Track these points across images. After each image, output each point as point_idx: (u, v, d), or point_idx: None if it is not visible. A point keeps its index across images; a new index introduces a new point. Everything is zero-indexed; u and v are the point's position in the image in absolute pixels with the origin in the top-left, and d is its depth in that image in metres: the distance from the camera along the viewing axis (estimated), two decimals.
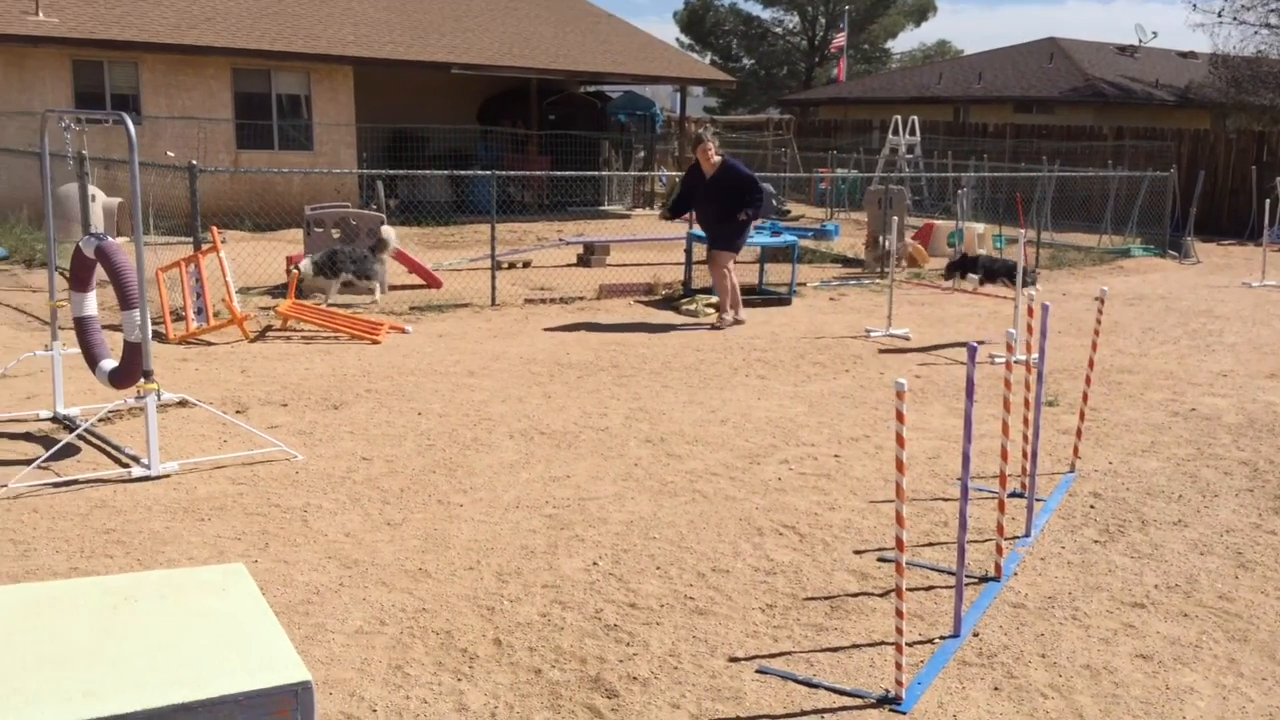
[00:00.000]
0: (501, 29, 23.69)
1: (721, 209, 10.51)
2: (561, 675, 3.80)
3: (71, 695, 2.74)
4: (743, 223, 10.57)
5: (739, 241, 10.77)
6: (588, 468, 6.10)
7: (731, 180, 10.48)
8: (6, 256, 13.54)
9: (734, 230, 10.59)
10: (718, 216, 10.60)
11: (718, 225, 10.64)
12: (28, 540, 4.85)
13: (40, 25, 17.26)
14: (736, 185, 10.45)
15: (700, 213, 10.97)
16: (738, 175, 10.55)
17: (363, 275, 11.25)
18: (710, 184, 10.55)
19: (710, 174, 10.55)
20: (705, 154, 10.56)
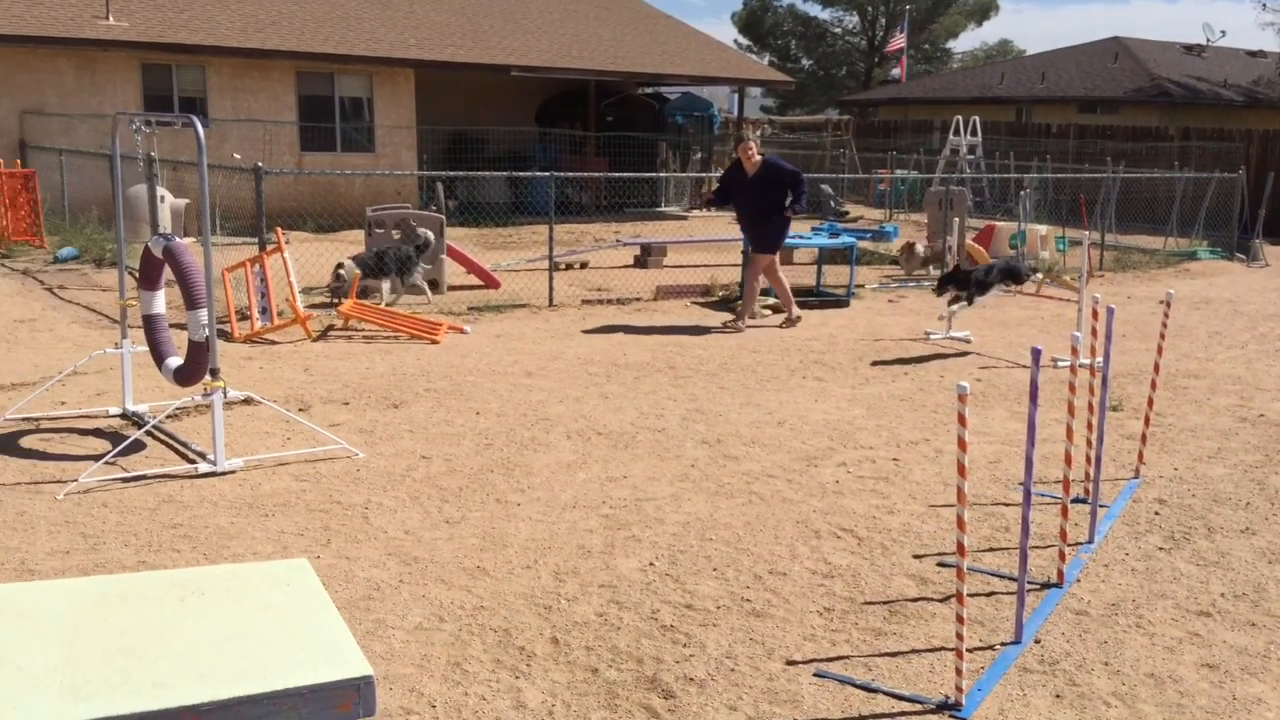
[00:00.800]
0: (560, 31, 23.80)
1: (762, 208, 10.44)
2: (618, 675, 3.81)
3: (141, 686, 2.80)
4: (782, 222, 10.47)
5: (777, 243, 10.66)
6: (644, 468, 6.11)
7: (773, 177, 10.41)
8: (77, 256, 13.86)
9: (773, 230, 10.51)
10: (758, 215, 10.52)
11: (757, 225, 10.57)
12: (97, 534, 4.97)
13: (110, 29, 17.64)
14: (779, 181, 10.38)
15: (740, 212, 10.89)
16: (780, 171, 10.48)
17: (405, 275, 11.32)
18: (751, 183, 10.49)
19: (751, 173, 10.49)
20: (747, 153, 10.51)
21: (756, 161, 10.48)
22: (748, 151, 10.53)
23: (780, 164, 10.60)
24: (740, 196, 10.69)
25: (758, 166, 10.48)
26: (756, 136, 10.95)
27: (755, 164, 10.48)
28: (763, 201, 10.42)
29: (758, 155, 10.52)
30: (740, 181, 10.62)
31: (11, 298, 11.16)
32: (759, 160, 10.49)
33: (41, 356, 8.54)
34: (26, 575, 4.51)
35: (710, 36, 26.79)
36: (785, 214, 10.40)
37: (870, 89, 44.32)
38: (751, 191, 10.50)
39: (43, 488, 5.53)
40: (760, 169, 10.47)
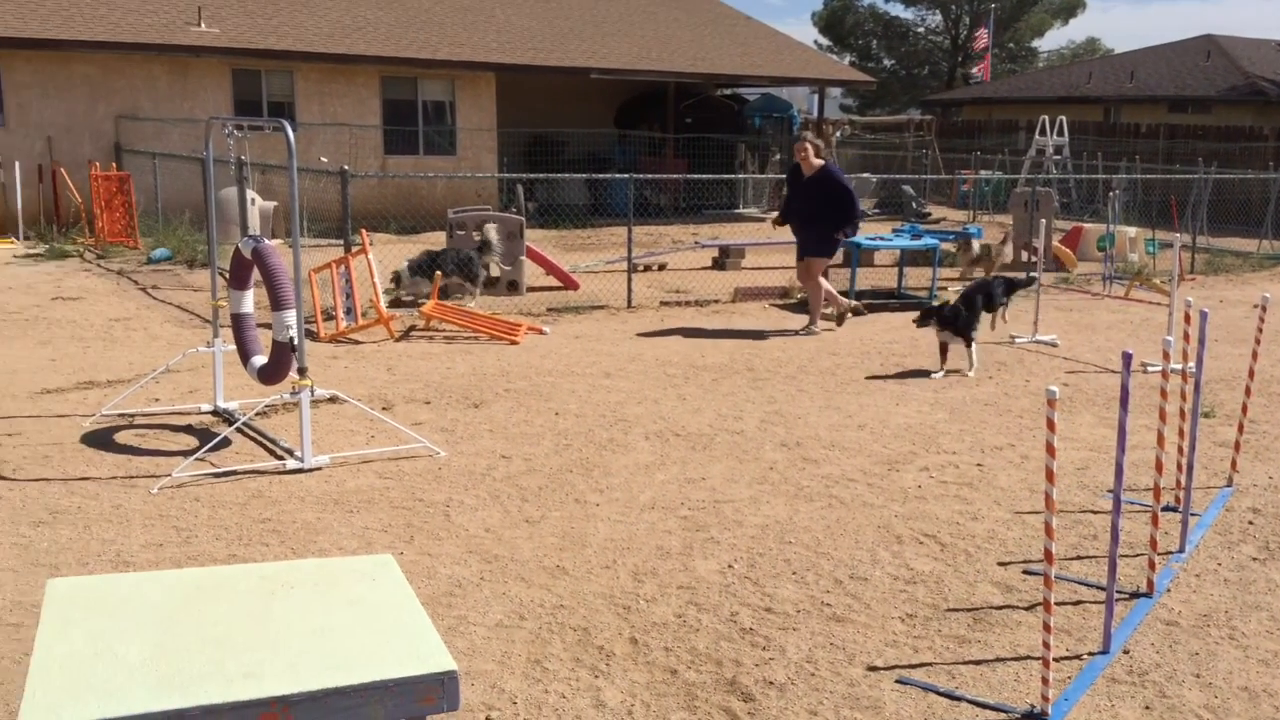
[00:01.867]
0: (640, 33, 23.87)
1: (812, 212, 10.19)
2: (697, 676, 3.81)
3: (233, 676, 2.86)
4: (834, 228, 10.24)
5: (832, 246, 10.45)
6: (723, 470, 6.09)
7: (828, 188, 10.15)
8: (170, 257, 14.25)
9: (825, 234, 10.26)
10: (807, 219, 10.29)
11: (806, 229, 10.34)
12: (190, 527, 5.10)
13: (202, 36, 18.11)
14: (832, 194, 10.13)
15: (792, 212, 10.62)
16: (834, 184, 10.20)
17: (466, 277, 11.39)
18: (806, 185, 10.28)
19: (808, 174, 10.29)
20: (804, 155, 10.26)
21: (816, 165, 10.23)
22: (803, 152, 10.27)
23: (837, 177, 10.31)
24: (794, 198, 10.46)
25: (815, 170, 10.24)
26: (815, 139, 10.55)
27: (814, 167, 10.24)
28: (814, 206, 10.16)
29: (817, 159, 10.24)
30: (796, 184, 10.42)
31: (108, 297, 11.51)
32: (819, 164, 10.24)
33: (136, 354, 8.80)
34: (122, 566, 4.65)
35: (790, 37, 26.66)
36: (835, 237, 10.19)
37: (953, 88, 43.71)
38: (805, 195, 10.25)
39: (137, 482, 5.69)
40: (817, 173, 10.22)
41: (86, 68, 17.31)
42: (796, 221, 10.47)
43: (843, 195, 10.16)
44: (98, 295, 11.60)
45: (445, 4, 22.55)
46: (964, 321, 8.73)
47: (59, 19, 17.35)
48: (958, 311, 8.76)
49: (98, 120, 17.52)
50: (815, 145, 10.32)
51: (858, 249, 12.35)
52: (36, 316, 10.28)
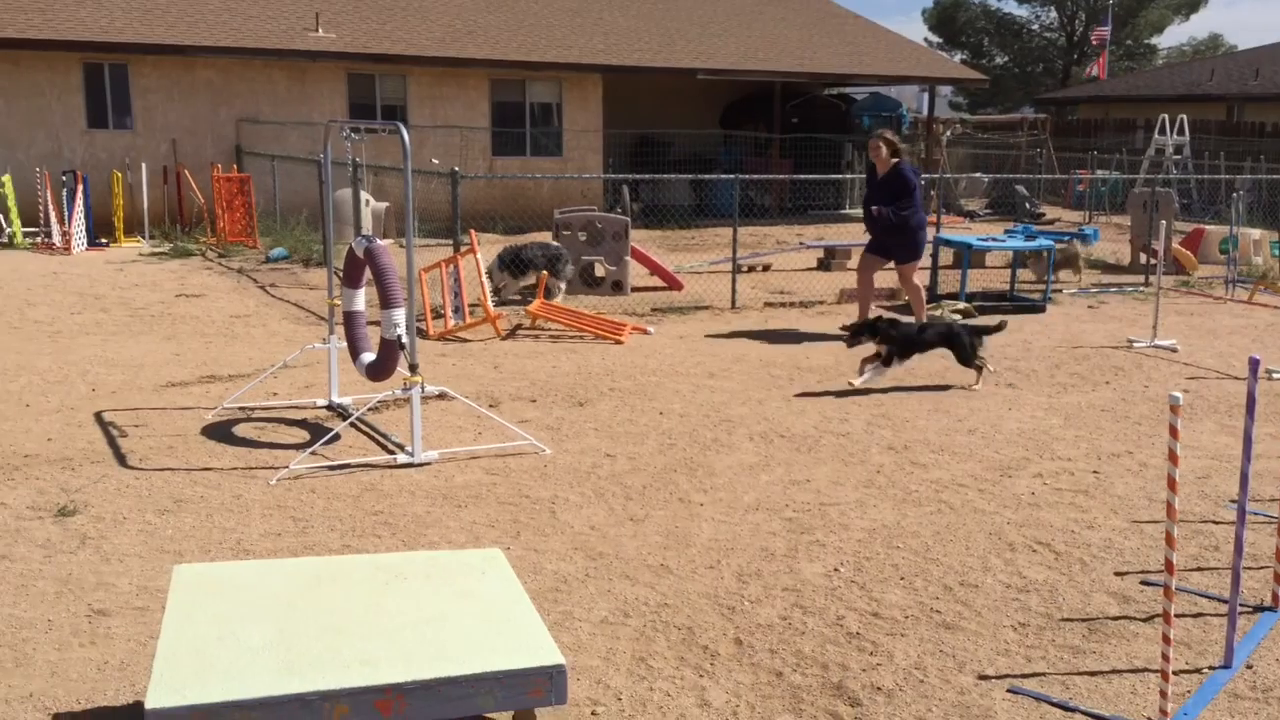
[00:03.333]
0: (747, 33, 23.79)
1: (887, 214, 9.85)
2: (803, 679, 3.78)
3: (350, 663, 2.94)
4: (913, 227, 9.88)
5: (918, 247, 10.05)
6: (828, 472, 6.04)
7: (894, 185, 9.82)
8: (287, 256, 14.68)
9: (907, 236, 9.90)
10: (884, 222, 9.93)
11: (887, 233, 9.97)
12: (306, 517, 5.24)
13: (320, 41, 18.61)
14: (901, 191, 9.79)
15: (866, 215, 10.29)
16: (900, 180, 9.84)
17: (553, 273, 11.47)
18: (879, 186, 9.97)
19: (881, 173, 9.96)
20: (876, 152, 9.93)
21: (890, 164, 9.88)
22: (877, 150, 9.93)
23: (907, 176, 9.91)
24: (869, 197, 10.14)
25: (888, 168, 9.90)
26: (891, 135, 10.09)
27: (886, 164, 9.90)
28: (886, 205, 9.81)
29: (890, 157, 9.87)
30: (871, 184, 10.12)
31: (228, 295, 11.90)
32: (893, 163, 9.87)
33: (255, 350, 9.08)
34: (242, 554, 4.80)
35: (899, 35, 26.30)
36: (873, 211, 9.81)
37: (1068, 86, 42.59)
38: (878, 195, 9.94)
39: (256, 473, 5.87)
40: (890, 171, 9.88)
41: (209, 72, 17.93)
42: (874, 225, 10.17)
43: (905, 189, 9.79)
44: (219, 292, 12.00)
45: (553, 7, 22.79)
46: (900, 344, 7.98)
47: (184, 25, 18.01)
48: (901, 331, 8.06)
49: (220, 123, 18.13)
50: (890, 142, 9.96)
51: (969, 250, 12.11)
52: (162, 313, 10.68)
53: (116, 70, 17.43)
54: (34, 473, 5.78)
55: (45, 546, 4.81)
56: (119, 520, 5.14)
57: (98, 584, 4.44)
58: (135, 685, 3.64)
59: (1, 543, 4.84)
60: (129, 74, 17.50)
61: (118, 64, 17.40)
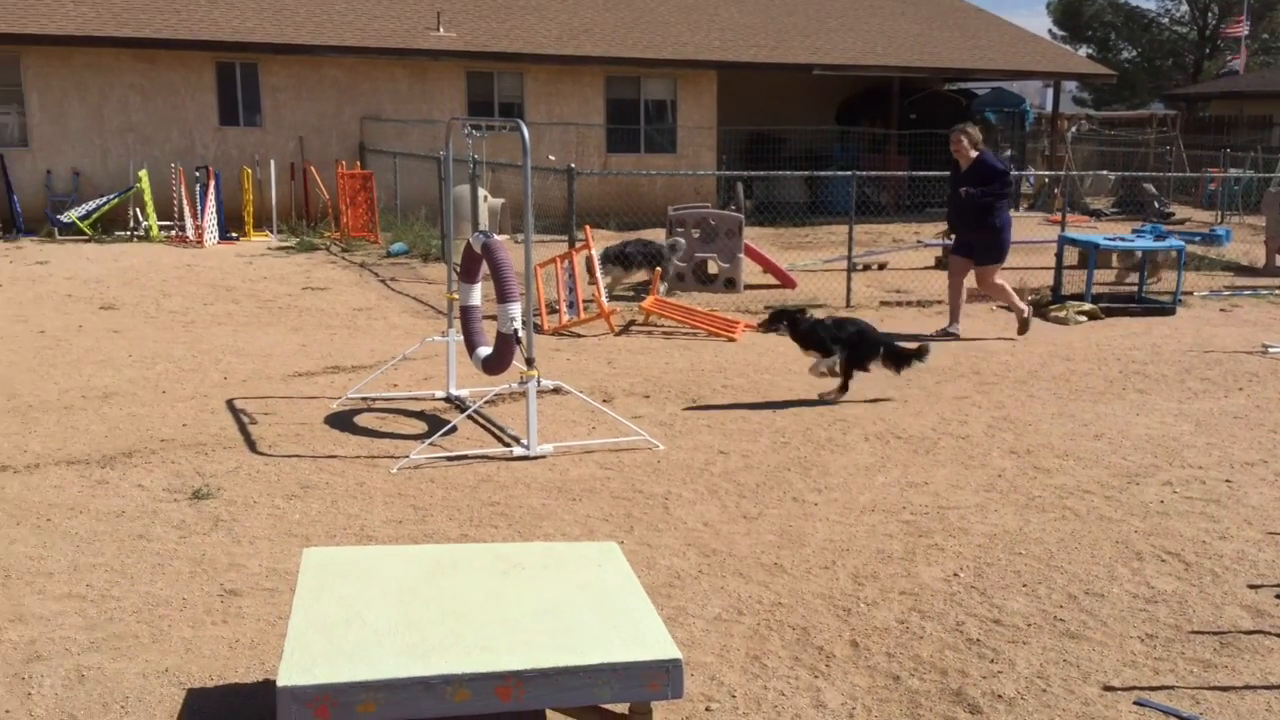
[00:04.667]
0: (865, 28, 23.48)
1: (971, 209, 9.61)
2: (921, 685, 3.72)
3: (471, 649, 2.99)
4: (996, 226, 9.63)
5: (1002, 243, 9.79)
6: (947, 475, 5.92)
7: (981, 176, 9.54)
8: (407, 251, 15.00)
9: (991, 235, 9.66)
10: (966, 218, 9.73)
11: (971, 230, 9.78)
12: (425, 506, 5.36)
13: (440, 40, 18.97)
14: (983, 179, 9.50)
15: (953, 213, 10.07)
16: (986, 168, 9.58)
17: (654, 268, 11.51)
18: (963, 179, 9.68)
19: (964, 168, 9.69)
20: (958, 145, 9.67)
21: (971, 157, 9.63)
22: (960, 145, 9.67)
23: (992, 164, 9.69)
24: (953, 195, 9.87)
25: (971, 162, 9.64)
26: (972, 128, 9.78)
27: (968, 158, 9.64)
28: (970, 203, 9.58)
29: (972, 150, 9.63)
30: (956, 180, 9.83)
31: (351, 288, 12.22)
32: (974, 156, 9.62)
33: (377, 342, 9.31)
34: (365, 540, 4.92)
35: (1022, 28, 25.65)
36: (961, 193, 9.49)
37: (1199, 82, 40.99)
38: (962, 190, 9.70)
39: (378, 462, 6.02)
40: (973, 165, 9.62)
41: (336, 71, 18.42)
42: (959, 221, 9.95)
43: (994, 175, 9.52)
44: (342, 286, 12.33)
45: (669, 4, 22.82)
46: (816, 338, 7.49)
47: (312, 25, 18.53)
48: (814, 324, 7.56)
49: (344, 121, 18.61)
50: (970, 136, 9.70)
51: (1095, 249, 11.76)
52: (289, 305, 11.02)
53: (247, 69, 18.03)
54: (170, 456, 6.02)
55: (180, 528, 5.01)
56: (249, 504, 5.32)
57: (229, 565, 4.60)
58: (265, 664, 3.77)
59: (140, 523, 5.05)
60: (259, 73, 18.08)
61: (248, 63, 18.00)
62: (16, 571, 4.49)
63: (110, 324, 9.82)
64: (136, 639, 3.93)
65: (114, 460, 5.94)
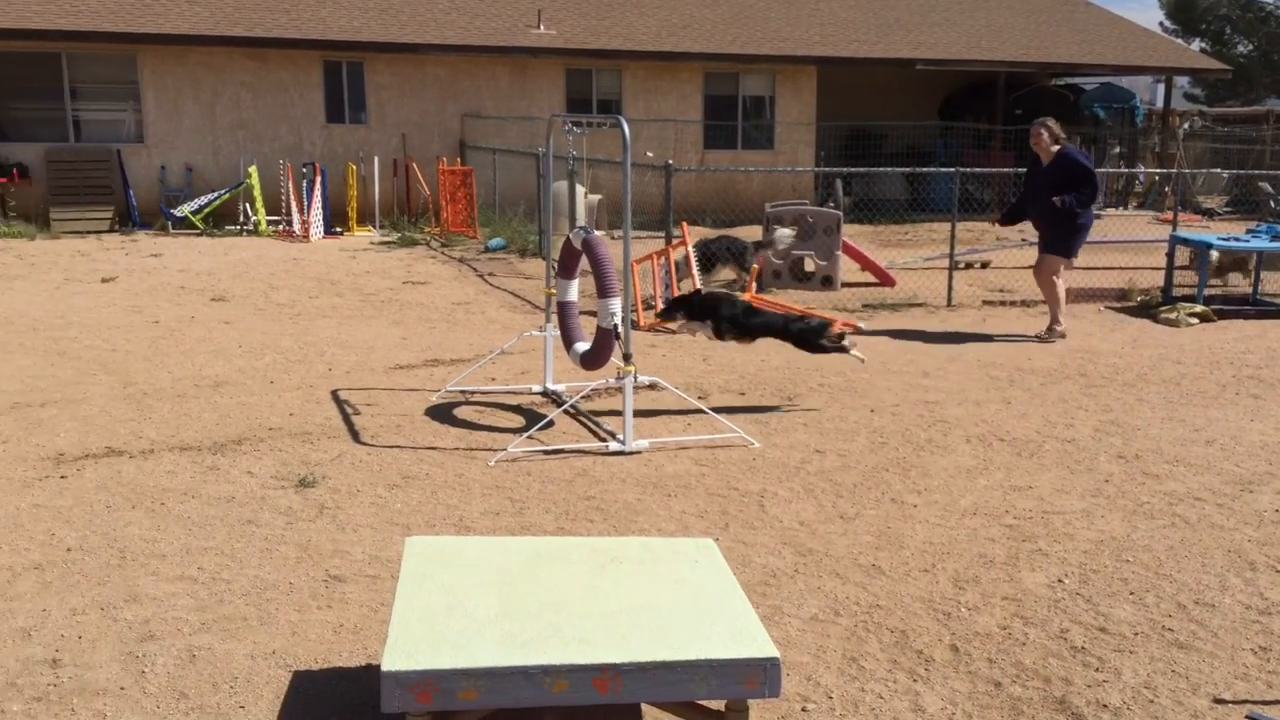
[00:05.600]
0: (970, 22, 23.05)
1: (1050, 204, 9.34)
2: (1023, 692, 3.64)
3: (569, 640, 3.02)
4: (1076, 224, 9.38)
5: (1074, 244, 9.55)
6: (1052, 479, 5.79)
7: (1065, 172, 9.30)
8: (505, 246, 15.18)
9: (1068, 231, 9.42)
10: (1047, 214, 9.47)
11: (1049, 225, 9.54)
12: (522, 499, 5.41)
13: (540, 38, 19.14)
14: (1070, 177, 9.26)
15: (1031, 207, 9.79)
16: (1071, 164, 9.34)
17: (742, 268, 11.47)
18: (1044, 175, 9.46)
19: (1045, 163, 9.47)
20: (1038, 140, 9.45)
21: (1052, 152, 9.40)
22: (1040, 140, 9.46)
23: (1075, 158, 9.46)
24: (1032, 190, 9.65)
25: (1052, 156, 9.42)
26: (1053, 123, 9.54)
27: (1049, 153, 9.42)
28: (1051, 196, 9.30)
29: (1053, 145, 9.40)
30: (1034, 174, 9.64)
31: (450, 283, 12.41)
32: (1055, 150, 9.40)
33: (475, 336, 9.44)
34: (464, 530, 5.00)
35: (1132, 22, 24.93)
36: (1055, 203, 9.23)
37: None
38: (1042, 185, 9.44)
39: (476, 454, 6.11)
40: (1055, 160, 9.41)
41: (438, 69, 18.72)
42: (1036, 215, 9.72)
43: (1080, 173, 9.30)
44: (442, 280, 12.53)
45: None
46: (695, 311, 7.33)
47: (416, 24, 18.86)
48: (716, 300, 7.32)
49: (446, 118, 18.90)
50: (1051, 130, 9.48)
51: (1207, 250, 11.37)
52: (390, 299, 11.24)
53: (353, 68, 18.42)
54: (278, 445, 6.19)
55: (287, 514, 5.14)
56: (353, 492, 5.44)
57: (334, 551, 4.71)
58: (368, 649, 3.85)
59: (249, 509, 5.20)
60: (365, 71, 18.46)
61: (354, 62, 18.39)
62: (132, 553, 4.66)
63: (221, 315, 10.13)
64: (245, 621, 4.05)
65: (224, 447, 6.13)
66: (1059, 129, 9.56)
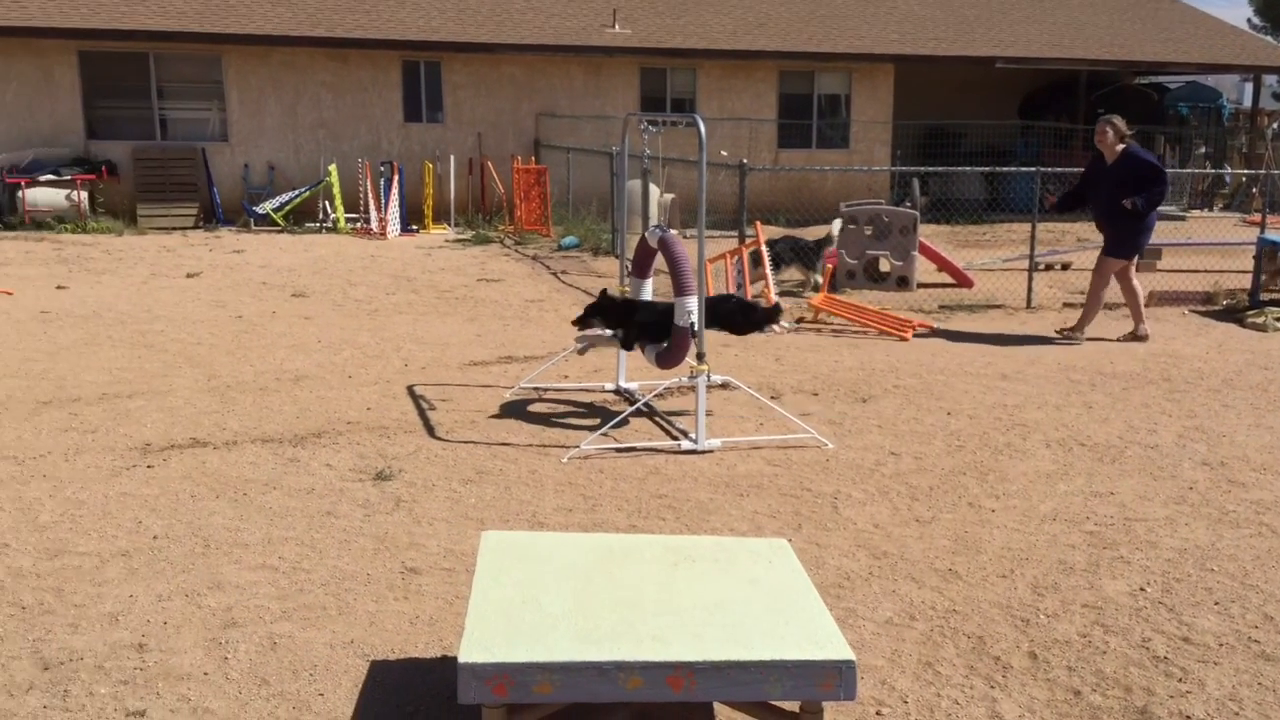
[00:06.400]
0: (1051, 19, 22.64)
1: (1115, 203, 9.08)
2: (1103, 701, 3.57)
3: (642, 637, 3.02)
4: (1139, 225, 9.13)
5: (1134, 247, 9.31)
6: (1134, 486, 5.67)
7: (1130, 170, 9.05)
8: (578, 244, 15.25)
9: (1129, 230, 9.18)
10: (1108, 212, 9.21)
11: (1110, 223, 9.28)
12: (595, 496, 5.44)
13: (615, 37, 19.19)
14: (1136, 176, 9.01)
15: (1094, 207, 9.54)
16: (1138, 163, 9.09)
17: (807, 268, 11.38)
18: (1108, 173, 9.20)
19: (1110, 161, 9.21)
20: (1103, 138, 9.20)
21: (1118, 150, 9.14)
22: (1104, 137, 9.21)
23: (1142, 156, 9.20)
24: (1095, 189, 9.39)
25: (1116, 155, 9.16)
26: (1119, 120, 9.28)
27: (1114, 151, 9.16)
28: (1115, 195, 9.06)
29: (1117, 143, 9.14)
30: (1098, 172, 9.37)
31: (524, 280, 12.50)
32: (1121, 149, 9.14)
33: (548, 334, 9.50)
34: (537, 526, 5.03)
35: (1220, 19, 24.27)
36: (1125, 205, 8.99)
37: None
38: (1106, 184, 9.19)
39: (549, 451, 6.14)
40: (1120, 158, 9.15)
41: (513, 69, 18.86)
42: (1099, 214, 9.48)
43: (1149, 171, 9.05)
44: (515, 278, 12.63)
45: None
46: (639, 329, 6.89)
47: (493, 24, 19.02)
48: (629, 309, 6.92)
49: (521, 117, 19.04)
50: (1116, 127, 9.22)
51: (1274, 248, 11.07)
52: (465, 296, 11.36)
53: (431, 67, 18.64)
54: (355, 439, 6.29)
55: (365, 506, 5.23)
56: (429, 486, 5.51)
57: (410, 544, 4.78)
58: (443, 641, 3.90)
59: (328, 500, 5.29)
60: (441, 71, 18.66)
61: (432, 61, 18.60)
62: (215, 542, 4.77)
63: (301, 311, 10.32)
64: (324, 610, 4.13)
65: (304, 440, 6.24)
66: (1124, 126, 9.36)
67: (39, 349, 8.53)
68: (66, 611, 4.09)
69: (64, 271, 12.53)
